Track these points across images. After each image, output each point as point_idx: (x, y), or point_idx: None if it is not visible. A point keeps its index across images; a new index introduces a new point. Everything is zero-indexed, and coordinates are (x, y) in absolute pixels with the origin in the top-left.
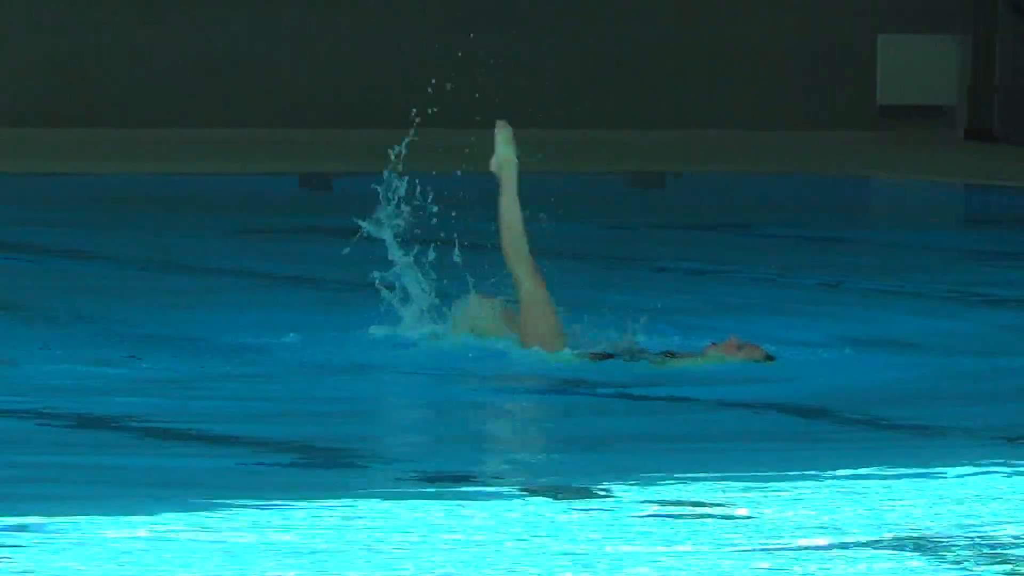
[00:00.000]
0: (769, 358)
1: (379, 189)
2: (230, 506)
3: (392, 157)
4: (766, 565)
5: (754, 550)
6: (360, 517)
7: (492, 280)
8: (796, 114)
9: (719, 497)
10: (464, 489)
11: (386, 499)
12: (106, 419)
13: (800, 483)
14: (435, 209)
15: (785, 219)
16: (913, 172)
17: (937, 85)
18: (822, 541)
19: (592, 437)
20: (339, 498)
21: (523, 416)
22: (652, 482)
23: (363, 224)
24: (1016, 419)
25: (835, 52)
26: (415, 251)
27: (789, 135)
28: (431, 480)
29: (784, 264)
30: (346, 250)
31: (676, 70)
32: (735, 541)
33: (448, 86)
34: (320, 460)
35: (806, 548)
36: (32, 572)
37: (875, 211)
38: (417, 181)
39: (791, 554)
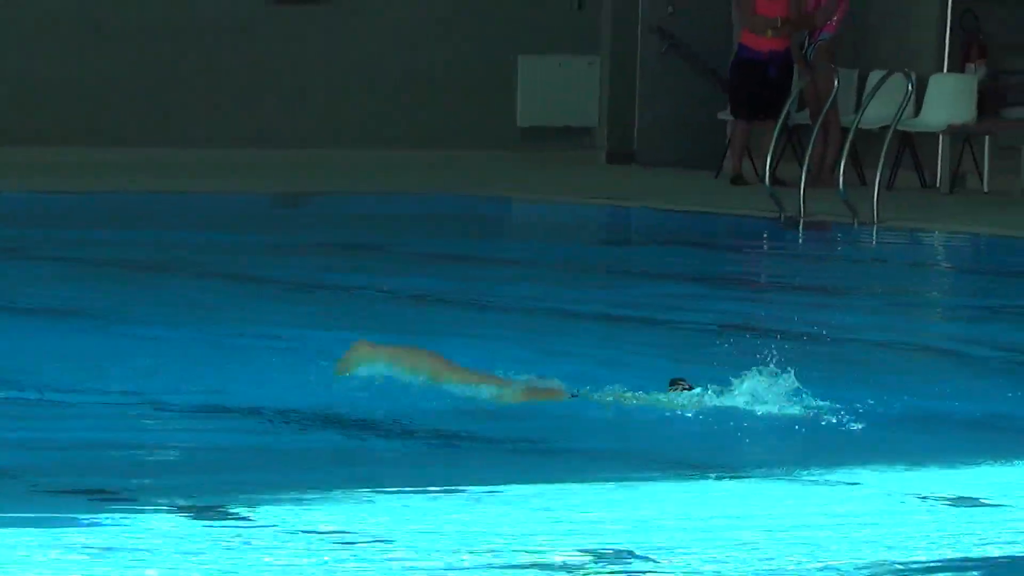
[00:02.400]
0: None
1: None
2: None
3: None
4: None
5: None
6: None
7: None
8: (439, 134)
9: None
10: (110, 504)
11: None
12: None
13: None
14: None
15: (425, 238)
16: (551, 193)
17: (579, 107)
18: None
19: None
20: None
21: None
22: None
23: None
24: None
25: (478, 72)
26: None
27: (432, 155)
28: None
29: (426, 283)
30: None
31: (308, 88)
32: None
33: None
34: None
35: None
36: None
37: (514, 230)
38: None
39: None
